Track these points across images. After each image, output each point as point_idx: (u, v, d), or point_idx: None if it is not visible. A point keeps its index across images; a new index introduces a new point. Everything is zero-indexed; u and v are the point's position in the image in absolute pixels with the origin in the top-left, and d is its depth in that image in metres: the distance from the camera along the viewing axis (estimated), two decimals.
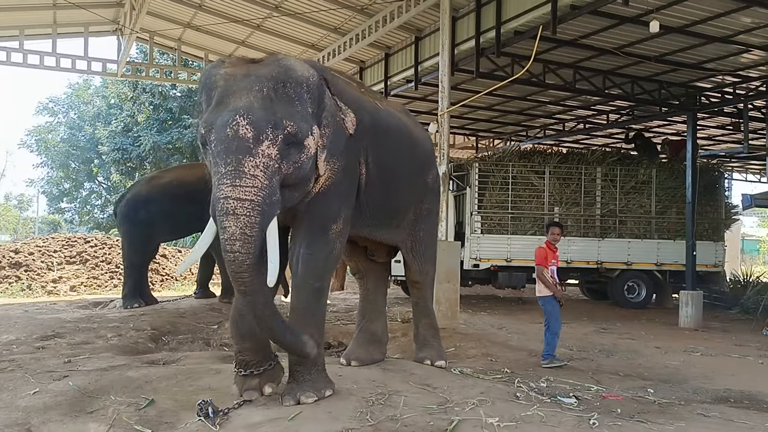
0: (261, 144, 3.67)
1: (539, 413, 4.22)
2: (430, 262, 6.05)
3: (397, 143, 5.24)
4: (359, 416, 4.00)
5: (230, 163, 3.62)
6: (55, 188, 33.67)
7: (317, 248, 4.35)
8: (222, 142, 3.65)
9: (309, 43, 13.31)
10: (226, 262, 3.65)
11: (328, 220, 4.41)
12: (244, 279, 3.64)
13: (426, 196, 5.86)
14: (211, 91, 3.89)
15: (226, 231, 3.59)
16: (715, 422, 4.45)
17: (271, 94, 3.81)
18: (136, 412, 4.18)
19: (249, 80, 3.82)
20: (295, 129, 3.80)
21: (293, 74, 3.94)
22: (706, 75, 11.04)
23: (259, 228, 3.64)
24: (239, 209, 3.57)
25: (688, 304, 10.25)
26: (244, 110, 3.67)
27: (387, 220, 5.28)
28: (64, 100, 33.97)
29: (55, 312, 9.66)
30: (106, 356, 6.02)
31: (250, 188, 3.61)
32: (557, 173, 12.18)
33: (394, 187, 5.18)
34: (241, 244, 3.57)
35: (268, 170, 3.69)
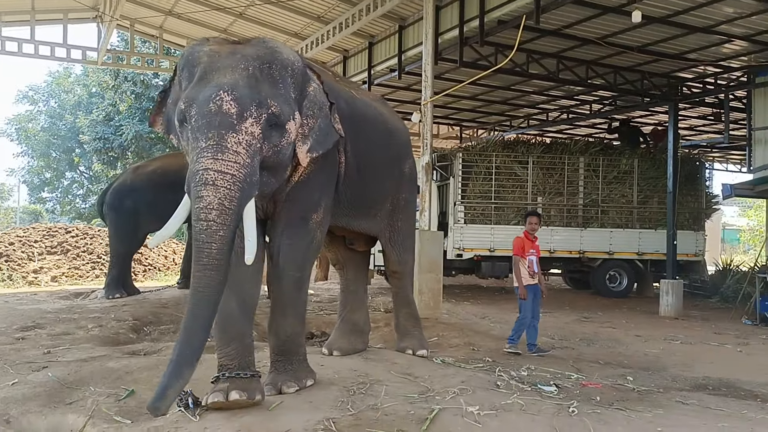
0: (245, 121, 3.55)
1: (519, 401, 4.23)
2: (409, 252, 6.04)
3: (373, 133, 5.20)
4: (340, 405, 4.00)
5: (212, 137, 3.47)
6: (36, 178, 33.26)
7: (297, 238, 4.30)
8: (204, 116, 3.51)
9: (292, 32, 13.22)
10: (195, 233, 3.40)
11: (309, 209, 4.36)
12: (212, 251, 3.36)
13: (403, 185, 5.84)
14: (194, 67, 3.77)
15: (202, 200, 3.38)
16: (693, 409, 4.49)
17: (257, 73, 3.72)
18: (115, 402, 4.16)
19: (234, 58, 3.74)
20: (278, 110, 3.71)
21: (279, 56, 3.87)
22: (687, 65, 11.11)
23: (237, 203, 3.46)
24: (219, 181, 3.40)
25: (668, 293, 10.36)
26: (229, 86, 3.56)
27: (365, 210, 5.25)
28: (44, 89, 33.47)
29: (36, 303, 9.59)
30: (86, 347, 5.97)
31: (232, 163, 3.46)
32: (540, 163, 12.23)
33: (371, 176, 5.13)
34: (218, 213, 3.38)
35: (250, 148, 3.56)
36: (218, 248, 3.37)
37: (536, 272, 6.60)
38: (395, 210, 5.73)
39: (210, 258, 3.37)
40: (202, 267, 3.38)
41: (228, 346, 4.02)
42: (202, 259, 3.38)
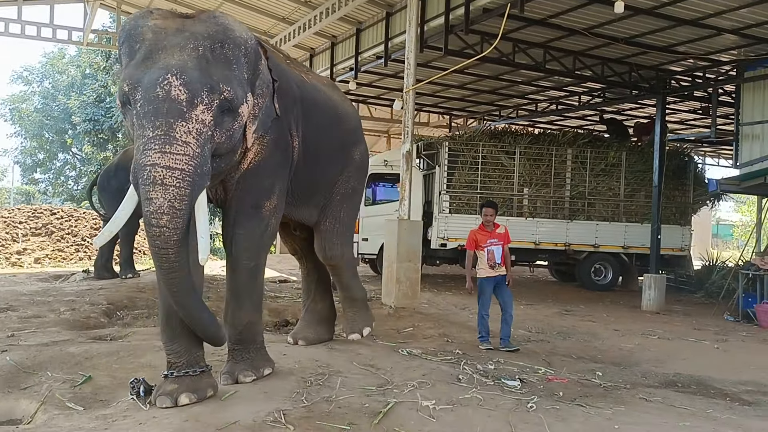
0: (195, 108, 3.35)
1: (478, 396, 4.20)
2: (347, 244, 5.73)
3: (322, 117, 4.99)
4: (294, 397, 3.96)
5: (159, 126, 3.27)
6: (29, 158, 33.10)
7: (250, 226, 4.21)
8: (150, 102, 3.29)
9: (280, 16, 13.07)
10: (149, 237, 3.35)
11: (260, 196, 4.23)
12: (170, 256, 3.34)
13: (352, 174, 5.57)
14: (136, 43, 3.49)
15: (151, 203, 3.25)
16: (656, 407, 4.46)
17: (207, 54, 3.49)
18: (70, 389, 4.11)
19: (182, 36, 3.48)
20: (231, 94, 3.52)
21: (232, 35, 3.64)
22: (676, 58, 10.99)
23: (188, 201, 3.34)
24: (168, 179, 3.24)
25: (651, 287, 10.32)
26: (177, 69, 3.33)
27: (306, 199, 5.04)
28: (38, 69, 33.26)
29: (13, 284, 9.56)
30: (52, 331, 5.93)
31: (181, 156, 3.28)
32: (527, 154, 12.15)
33: (317, 163, 4.95)
34: (169, 218, 3.26)
35: (200, 137, 3.38)
36: (175, 252, 3.34)
37: (498, 263, 6.36)
38: (341, 199, 5.47)
39: (170, 262, 3.37)
40: (166, 272, 3.40)
41: (174, 342, 3.85)
42: (163, 265, 3.39)
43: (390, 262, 8.60)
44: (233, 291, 4.29)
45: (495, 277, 6.38)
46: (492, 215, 6.51)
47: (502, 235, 6.48)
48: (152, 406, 3.71)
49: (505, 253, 6.44)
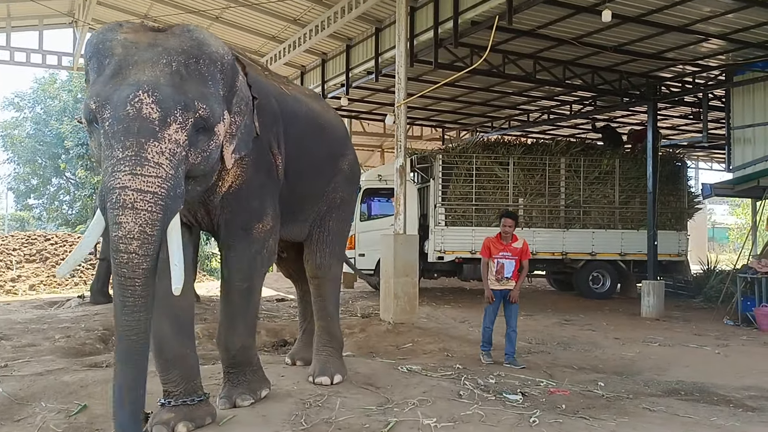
0: (168, 127, 3.12)
1: (480, 412, 4.15)
2: (335, 257, 5.37)
3: (303, 131, 4.76)
4: (293, 419, 3.91)
5: (130, 147, 3.03)
6: (23, 184, 33.01)
7: (241, 248, 4.08)
8: (120, 121, 3.05)
9: (269, 35, 13.10)
10: (115, 265, 3.02)
11: (250, 218, 4.07)
12: (136, 288, 3.00)
13: (340, 184, 5.33)
14: (105, 58, 3.25)
15: (120, 227, 2.98)
16: (659, 416, 4.42)
17: (182, 69, 3.26)
18: (65, 419, 4.03)
19: (155, 51, 3.25)
20: (207, 113, 3.28)
21: (207, 50, 3.41)
22: (665, 65, 11.05)
23: (160, 226, 3.07)
24: (139, 203, 2.99)
25: (649, 294, 10.29)
26: (149, 86, 3.10)
27: (293, 216, 4.79)
28: (30, 95, 33.23)
29: (7, 312, 9.46)
30: (46, 359, 5.85)
31: (153, 178, 3.04)
32: (521, 164, 12.16)
33: (300, 178, 4.70)
34: (139, 243, 2.99)
35: (174, 158, 3.14)
36: (143, 284, 3.02)
37: (507, 277, 6.18)
38: (329, 210, 5.26)
39: (135, 298, 3.02)
40: (129, 310, 3.02)
41: (169, 372, 3.78)
42: (127, 300, 3.02)
43: (387, 277, 8.55)
44: (227, 313, 4.20)
45: (501, 290, 6.22)
46: (511, 226, 6.23)
47: (517, 250, 6.24)
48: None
49: (518, 269, 6.25)
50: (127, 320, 3.02)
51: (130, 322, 3.02)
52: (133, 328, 3.03)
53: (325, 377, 4.84)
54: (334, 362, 5.08)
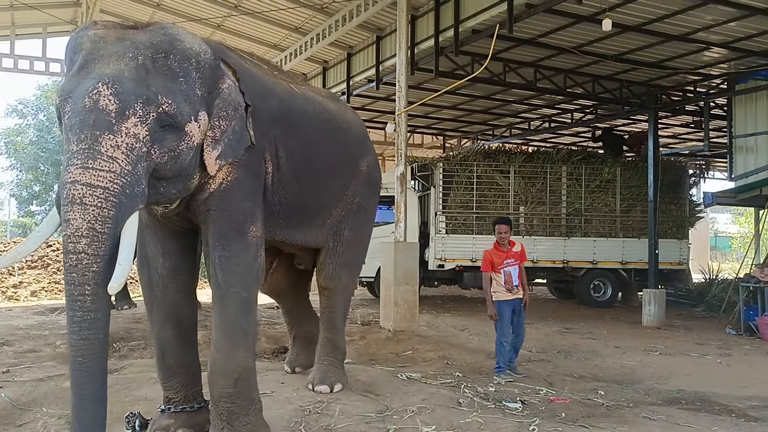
0: (126, 120, 2.93)
1: (479, 420, 4.15)
2: (347, 267, 5.09)
3: (315, 131, 4.50)
4: (293, 426, 3.92)
5: (84, 140, 2.86)
6: (25, 191, 33.13)
7: (236, 251, 3.60)
8: (77, 113, 2.90)
9: (271, 44, 13.16)
10: (65, 270, 2.81)
11: (242, 220, 3.66)
12: (85, 299, 2.74)
13: (358, 188, 5.05)
14: (75, 54, 3.14)
15: (69, 224, 2.78)
16: (659, 425, 4.40)
17: (148, 63, 3.09)
18: (66, 424, 4.01)
19: (122, 45, 3.10)
20: (172, 109, 3.08)
21: (179, 45, 3.22)
22: (666, 73, 11.07)
23: (112, 224, 2.84)
24: (88, 198, 2.80)
25: (650, 303, 10.28)
26: (110, 78, 2.95)
27: (307, 220, 4.54)
28: (33, 102, 33.41)
29: (9, 318, 9.49)
30: (47, 365, 5.87)
31: (105, 172, 2.85)
32: (522, 172, 12.16)
33: (313, 181, 4.44)
34: (88, 242, 2.76)
35: (131, 153, 2.94)
36: (92, 293, 2.76)
37: (515, 285, 5.99)
38: (345, 216, 4.97)
39: (84, 311, 2.75)
40: (77, 326, 2.74)
41: (170, 378, 3.76)
42: (75, 314, 2.74)
43: (387, 285, 8.56)
44: (224, 328, 3.56)
45: (513, 300, 6.03)
46: (507, 232, 6.07)
47: (518, 254, 6.10)
48: None
49: (521, 273, 6.09)
50: (75, 339, 2.75)
51: (77, 342, 2.75)
52: (80, 349, 2.75)
53: (325, 386, 4.77)
54: (335, 371, 4.98)
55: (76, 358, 2.75)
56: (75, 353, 2.76)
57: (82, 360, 2.75)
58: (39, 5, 12.68)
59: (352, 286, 5.41)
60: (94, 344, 2.76)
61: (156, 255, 3.72)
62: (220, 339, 3.56)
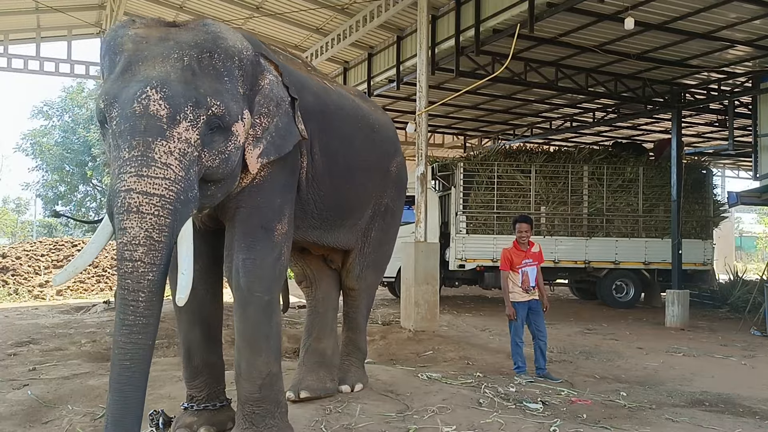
0: (177, 125, 2.89)
1: (499, 420, 4.13)
2: (372, 268, 5.02)
3: (350, 129, 4.43)
4: (314, 425, 3.93)
5: (136, 146, 2.81)
6: (51, 191, 33.65)
7: (261, 252, 3.51)
8: (127, 119, 2.85)
9: (292, 44, 13.23)
10: (119, 277, 2.78)
11: (270, 218, 3.57)
12: (138, 304, 2.73)
13: (387, 189, 4.98)
14: (116, 55, 3.07)
15: (125, 233, 2.76)
16: (682, 427, 4.36)
17: (194, 64, 3.02)
18: (91, 422, 4.09)
19: (166, 45, 3.03)
20: (222, 110, 3.04)
21: (223, 43, 3.14)
22: (690, 72, 10.97)
23: (168, 232, 2.83)
24: (145, 206, 2.77)
25: (674, 303, 10.18)
26: (158, 81, 2.89)
27: (340, 221, 4.44)
28: (58, 104, 33.92)
29: (35, 317, 9.65)
30: (73, 363, 5.96)
31: (161, 180, 2.82)
32: (543, 172, 12.11)
33: (347, 179, 4.35)
34: (145, 251, 2.75)
35: (184, 159, 2.91)
36: (146, 299, 2.74)
37: (533, 286, 5.91)
38: (374, 217, 4.90)
39: (137, 316, 2.73)
40: (128, 330, 2.72)
41: (196, 378, 3.79)
42: (127, 317, 2.73)
43: (408, 285, 8.57)
44: (245, 334, 3.52)
45: (529, 301, 5.94)
46: (527, 231, 5.95)
47: (536, 255, 6.00)
48: None
49: (539, 275, 5.99)
50: (123, 341, 2.71)
51: (126, 345, 2.71)
52: (128, 352, 2.71)
53: (345, 386, 4.75)
54: (356, 371, 4.96)
55: (123, 361, 2.72)
56: (122, 356, 2.72)
57: (129, 364, 2.72)
58: (64, 8, 12.88)
59: (375, 286, 5.35)
60: (142, 349, 2.74)
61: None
62: (243, 346, 3.52)
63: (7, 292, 12.86)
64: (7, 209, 38.59)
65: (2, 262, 14.04)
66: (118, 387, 2.74)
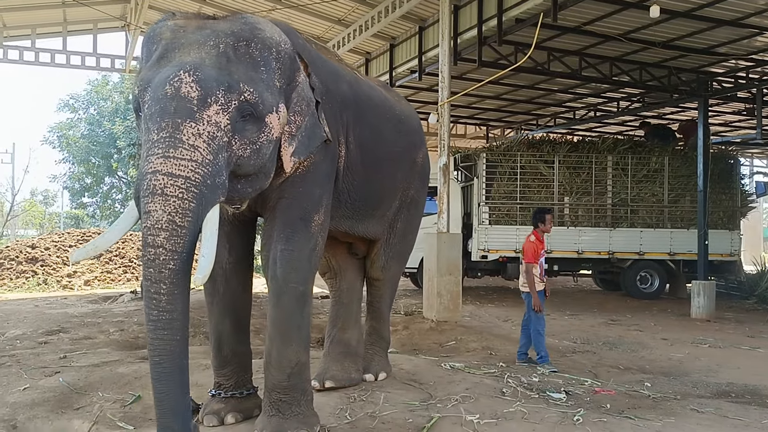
0: (208, 108, 2.85)
1: (522, 410, 4.15)
2: (396, 258, 5.06)
3: (380, 119, 4.46)
4: (338, 413, 3.99)
5: (165, 128, 2.78)
6: (77, 183, 34.05)
7: (300, 243, 3.55)
8: (158, 101, 2.82)
9: (314, 36, 13.23)
10: (143, 265, 2.74)
11: (309, 209, 3.60)
12: (161, 296, 2.66)
13: (413, 180, 5.04)
14: (154, 44, 3.10)
15: (149, 217, 2.70)
16: (707, 418, 4.34)
17: (229, 51, 3.02)
18: (121, 408, 4.19)
19: (203, 33, 3.03)
20: (255, 98, 3.01)
21: (261, 34, 3.15)
22: (717, 60, 10.78)
23: (193, 217, 2.75)
24: (169, 188, 2.71)
25: (700, 294, 10.07)
26: (192, 65, 2.87)
27: (371, 211, 4.48)
28: (84, 97, 34.23)
29: (64, 306, 9.84)
30: (102, 351, 6.07)
31: (187, 161, 2.76)
32: (567, 162, 12.03)
33: (378, 170, 4.38)
34: (167, 236, 2.68)
35: (213, 142, 2.86)
36: (168, 292, 2.67)
37: (545, 276, 6.17)
38: (400, 208, 4.94)
39: (160, 311, 2.67)
40: (153, 325, 2.68)
41: (225, 367, 3.89)
42: (151, 312, 2.68)
43: (430, 275, 8.60)
44: (278, 323, 3.57)
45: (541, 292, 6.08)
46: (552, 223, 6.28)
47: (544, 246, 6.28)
48: (199, 425, 3.78)
49: None
50: (151, 337, 2.70)
51: (154, 341, 2.70)
52: (157, 348, 2.70)
53: (369, 375, 4.83)
54: (380, 360, 5.01)
55: (153, 357, 2.73)
56: (152, 353, 2.72)
57: (159, 360, 2.71)
58: (89, 2, 13.03)
59: (399, 276, 5.41)
60: (170, 344, 2.69)
61: (221, 249, 3.65)
62: (274, 334, 3.57)
63: (37, 282, 13.12)
64: (35, 201, 39.21)
65: (32, 253, 14.31)
66: (155, 384, 2.75)
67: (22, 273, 13.54)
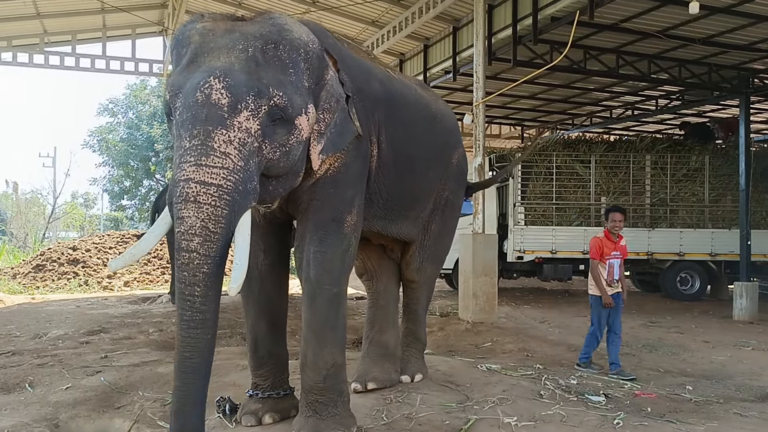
0: (238, 114, 2.87)
1: (561, 412, 4.10)
2: (432, 260, 5.03)
3: (413, 118, 4.40)
4: (375, 414, 3.99)
5: (196, 135, 2.81)
6: (117, 186, 34.75)
7: (332, 245, 3.54)
8: (189, 108, 2.85)
9: (348, 38, 13.28)
10: (177, 269, 2.79)
11: (342, 209, 3.59)
12: (195, 298, 2.73)
13: (448, 181, 4.95)
14: (183, 48, 3.10)
15: (182, 223, 2.76)
16: (751, 422, 4.23)
17: (258, 55, 3.01)
18: (161, 407, 4.25)
19: (231, 37, 3.04)
20: (284, 101, 3.01)
21: (288, 35, 3.12)
22: (759, 56, 10.52)
23: (225, 223, 2.81)
24: (202, 196, 2.77)
25: (742, 296, 9.83)
26: (221, 71, 2.89)
27: (404, 211, 4.43)
28: (122, 101, 34.93)
29: (105, 307, 10.03)
30: (142, 351, 6.18)
31: (219, 169, 2.80)
32: (603, 162, 11.87)
33: (412, 169, 4.33)
34: (201, 241, 2.74)
35: (244, 149, 2.89)
36: (202, 294, 2.74)
37: (617, 279, 5.76)
38: (434, 210, 4.89)
39: (194, 311, 2.74)
40: (186, 325, 2.75)
41: (261, 367, 3.93)
42: (185, 312, 2.75)
43: (466, 277, 8.55)
44: (312, 325, 3.56)
45: (612, 294, 5.77)
46: (621, 221, 5.80)
47: (623, 248, 5.87)
48: (237, 425, 3.82)
49: (622, 268, 5.85)
50: (183, 335, 2.76)
51: (185, 338, 2.75)
52: (188, 345, 2.76)
53: (406, 376, 4.82)
54: (416, 362, 5.00)
55: (183, 352, 2.77)
56: (182, 348, 2.77)
57: (189, 355, 2.76)
58: (128, 8, 13.29)
59: (435, 278, 5.36)
60: (201, 342, 2.76)
61: (257, 251, 3.70)
62: (310, 337, 3.57)
63: (78, 283, 13.39)
64: (76, 204, 40.10)
65: (73, 255, 14.62)
66: (181, 375, 2.80)
67: (63, 274, 13.84)
